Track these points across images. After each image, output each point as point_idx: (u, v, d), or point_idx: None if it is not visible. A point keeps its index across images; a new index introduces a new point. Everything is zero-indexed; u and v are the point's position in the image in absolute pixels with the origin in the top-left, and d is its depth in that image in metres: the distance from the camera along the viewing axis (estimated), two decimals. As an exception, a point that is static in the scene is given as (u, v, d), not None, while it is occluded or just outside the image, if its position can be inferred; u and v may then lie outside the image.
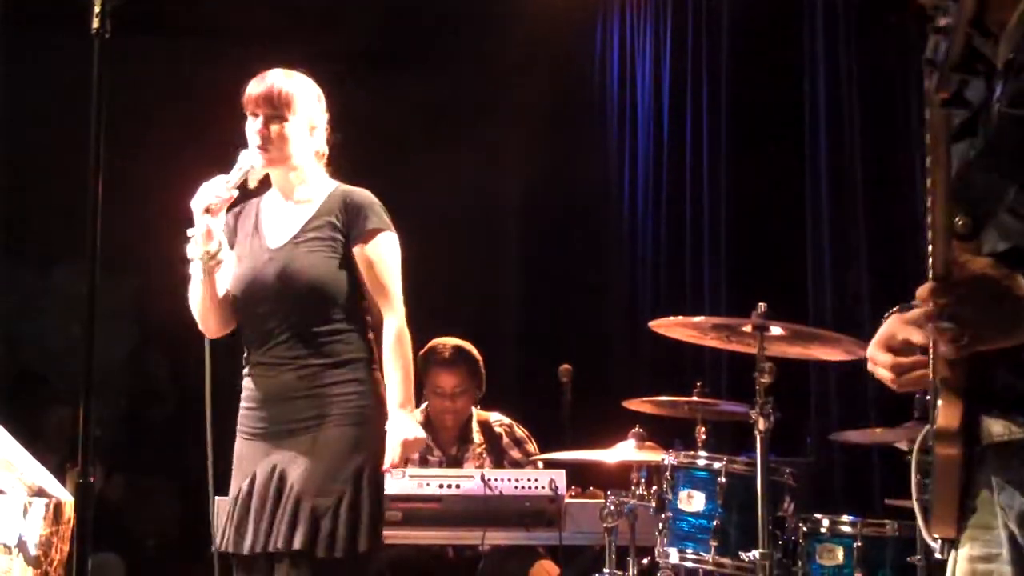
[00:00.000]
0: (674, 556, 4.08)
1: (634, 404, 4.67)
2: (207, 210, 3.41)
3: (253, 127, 3.53)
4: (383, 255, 3.55)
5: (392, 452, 3.46)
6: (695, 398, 4.52)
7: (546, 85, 7.73)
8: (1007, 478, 1.99)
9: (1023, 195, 1.91)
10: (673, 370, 6.26)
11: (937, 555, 2.12)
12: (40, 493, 3.42)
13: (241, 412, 3.57)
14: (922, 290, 1.87)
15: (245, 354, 3.59)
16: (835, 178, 5.84)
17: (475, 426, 5.14)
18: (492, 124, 7.66)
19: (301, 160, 3.57)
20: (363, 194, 3.60)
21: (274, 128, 3.50)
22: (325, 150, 3.67)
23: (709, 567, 4.04)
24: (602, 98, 7.62)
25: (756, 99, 6.43)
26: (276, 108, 3.50)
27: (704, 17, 6.80)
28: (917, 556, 3.82)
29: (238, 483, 3.49)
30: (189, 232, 3.46)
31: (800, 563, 4.04)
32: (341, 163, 3.75)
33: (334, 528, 3.33)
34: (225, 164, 3.62)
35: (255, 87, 3.54)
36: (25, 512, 3.35)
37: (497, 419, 5.21)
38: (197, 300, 3.54)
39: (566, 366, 5.54)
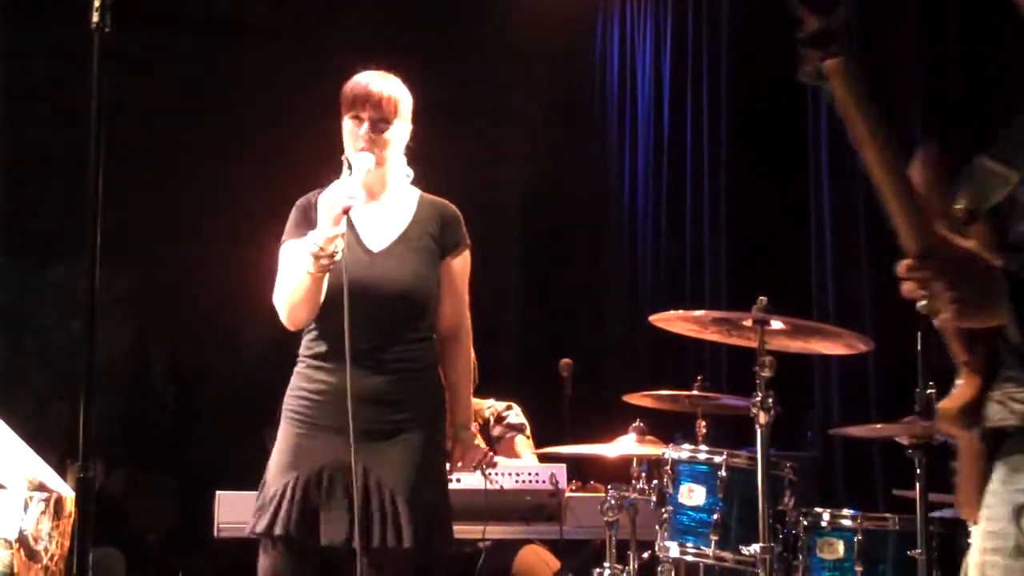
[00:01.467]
0: (675, 550, 4.08)
1: (635, 398, 4.67)
2: (346, 211, 3.34)
3: (359, 130, 3.51)
4: (466, 268, 3.66)
5: (466, 464, 3.63)
6: (696, 392, 4.52)
7: (546, 82, 7.73)
8: (1006, 469, 2.02)
9: None
10: (674, 364, 6.27)
11: (970, 540, 2.13)
12: (41, 488, 3.43)
13: (305, 403, 3.50)
14: (900, 267, 1.92)
15: (316, 345, 3.53)
16: (836, 172, 5.84)
17: (469, 416, 5.15)
18: (492, 121, 7.66)
19: (394, 163, 3.60)
20: (453, 208, 3.68)
21: (383, 133, 3.52)
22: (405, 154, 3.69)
23: (710, 561, 4.04)
24: (602, 95, 7.62)
25: (756, 95, 6.43)
26: (383, 112, 3.52)
27: (704, 14, 6.80)
28: (918, 550, 3.82)
29: (295, 472, 3.42)
30: (329, 233, 3.34)
31: (801, 557, 4.05)
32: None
33: (430, 526, 3.40)
34: (226, 161, 3.64)
35: (359, 90, 3.54)
36: (26, 507, 3.35)
37: (490, 405, 5.22)
38: (297, 291, 3.45)
39: (567, 360, 5.54)
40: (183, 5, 7.41)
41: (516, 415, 5.23)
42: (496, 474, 4.57)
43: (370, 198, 3.59)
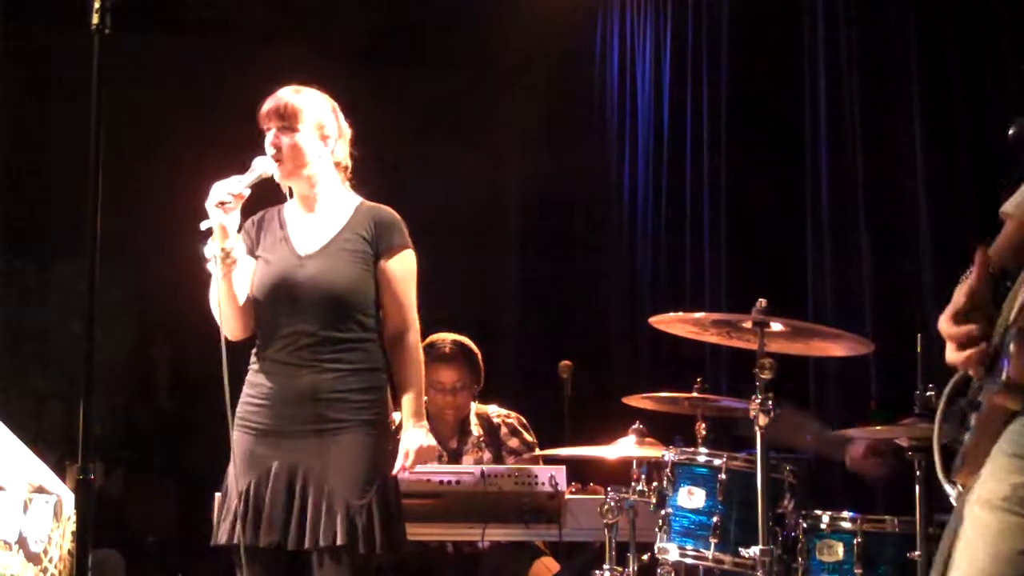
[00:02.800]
0: (674, 552, 4.07)
1: (634, 400, 4.67)
2: (219, 205, 3.50)
3: (267, 140, 3.68)
4: (406, 271, 3.73)
5: (406, 459, 3.67)
6: (695, 394, 4.51)
7: (546, 83, 7.74)
8: None
9: None
10: (673, 366, 6.26)
11: (952, 500, 2.07)
12: (41, 490, 3.43)
13: (249, 408, 3.63)
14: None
15: (257, 350, 3.67)
16: (835, 174, 5.84)
17: (473, 419, 5.15)
18: (492, 122, 7.66)
19: (318, 170, 3.72)
20: (390, 212, 3.78)
21: (285, 140, 3.65)
22: (347, 162, 3.81)
23: (709, 563, 4.04)
24: (602, 96, 7.61)
25: (756, 96, 6.43)
26: (285, 120, 3.66)
27: (704, 15, 6.79)
28: (917, 552, 3.82)
29: (247, 478, 3.55)
30: (202, 226, 3.52)
31: (800, 559, 4.04)
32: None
33: (370, 525, 3.48)
34: (225, 161, 3.67)
35: (266, 104, 3.70)
36: (25, 509, 3.35)
37: (496, 411, 5.22)
38: (217, 301, 3.61)
39: (566, 362, 5.54)
40: (182, 7, 7.40)
41: (529, 433, 5.21)
42: (495, 476, 4.58)
43: (304, 206, 3.74)
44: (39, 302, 7.56)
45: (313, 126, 3.68)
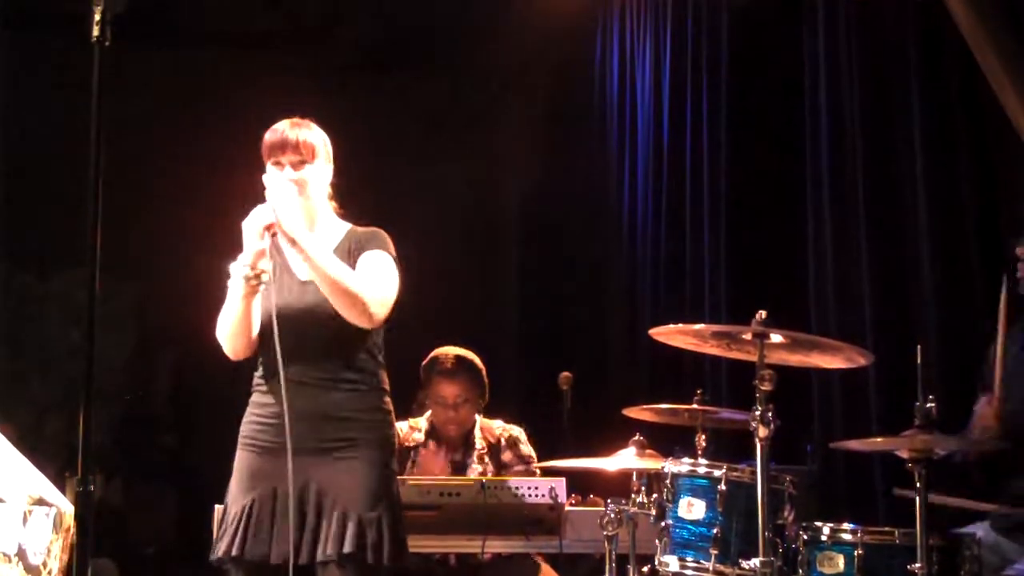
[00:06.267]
0: (674, 564, 4.06)
1: (634, 412, 4.66)
2: (267, 228, 3.55)
3: (281, 175, 3.69)
4: (376, 260, 3.71)
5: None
6: (695, 406, 4.51)
7: (546, 90, 7.74)
8: None
9: None
10: (673, 378, 6.26)
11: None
12: (40, 502, 3.42)
13: (256, 427, 3.68)
14: None
15: (264, 372, 3.70)
16: (836, 182, 5.84)
17: (478, 432, 5.15)
18: (492, 129, 7.67)
19: (318, 201, 3.79)
20: (375, 229, 3.82)
21: (301, 173, 3.71)
22: (330, 191, 3.88)
23: (709, 575, 4.03)
24: (602, 103, 7.62)
25: (756, 102, 6.43)
26: (301, 154, 3.71)
27: (704, 20, 6.79)
28: (918, 564, 3.81)
29: (252, 494, 3.59)
30: (255, 247, 3.55)
31: (801, 571, 4.03)
32: (343, 171, 3.85)
33: (380, 538, 3.54)
34: (222, 169, 3.70)
35: (274, 137, 3.74)
36: (25, 520, 3.35)
37: (500, 425, 5.22)
38: (231, 319, 3.66)
39: (566, 374, 5.53)
40: (183, 18, 7.41)
41: (526, 444, 5.21)
42: (496, 488, 4.58)
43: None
44: (39, 312, 7.56)
45: (322, 160, 3.77)
